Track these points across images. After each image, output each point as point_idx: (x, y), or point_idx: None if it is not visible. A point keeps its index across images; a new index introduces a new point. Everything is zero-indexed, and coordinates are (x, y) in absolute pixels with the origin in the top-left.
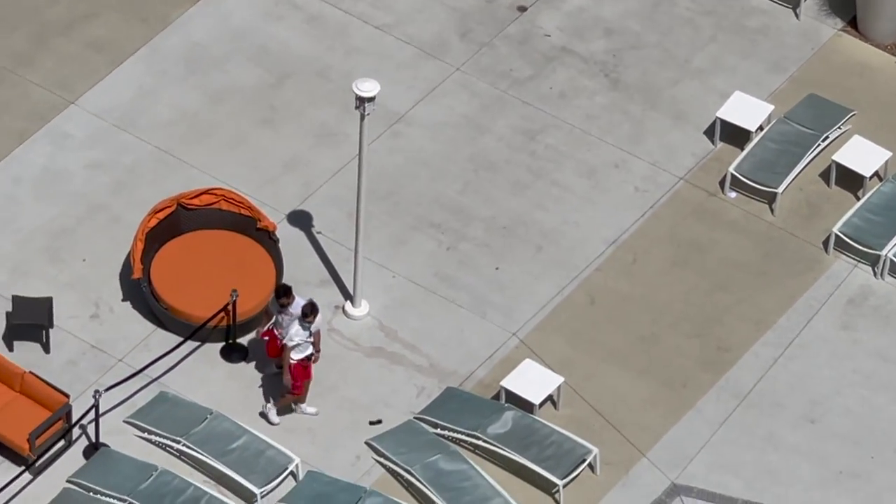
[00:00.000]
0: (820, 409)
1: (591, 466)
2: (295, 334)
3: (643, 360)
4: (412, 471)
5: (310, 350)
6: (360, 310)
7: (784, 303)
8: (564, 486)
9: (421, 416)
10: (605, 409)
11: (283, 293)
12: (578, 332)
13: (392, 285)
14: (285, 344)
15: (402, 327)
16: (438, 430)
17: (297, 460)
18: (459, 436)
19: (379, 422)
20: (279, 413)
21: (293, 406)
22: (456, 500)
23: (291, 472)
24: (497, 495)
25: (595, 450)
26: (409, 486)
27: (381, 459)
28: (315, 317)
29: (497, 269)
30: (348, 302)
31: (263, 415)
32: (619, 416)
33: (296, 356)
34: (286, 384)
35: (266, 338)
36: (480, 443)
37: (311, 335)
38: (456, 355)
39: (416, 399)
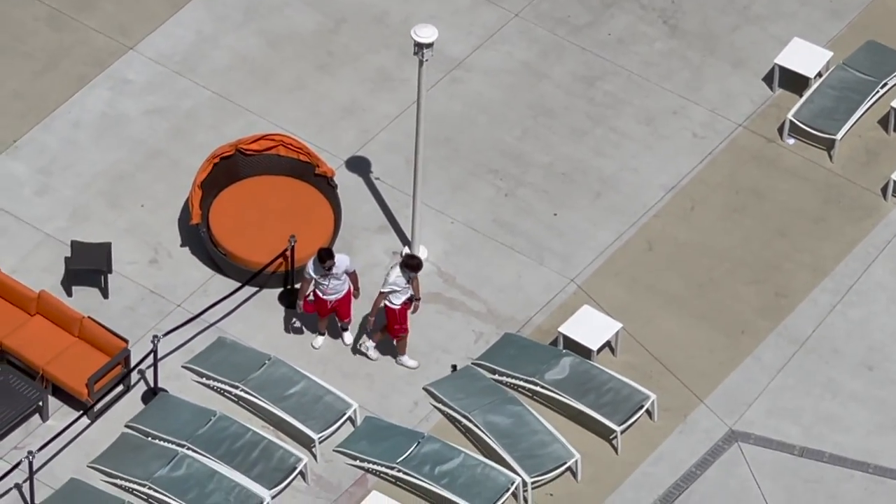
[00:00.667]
0: (878, 356)
1: (648, 413)
2: (395, 282)
3: (701, 307)
4: (470, 416)
5: (409, 293)
6: (419, 256)
7: (842, 249)
8: (622, 432)
9: (479, 361)
10: (662, 356)
11: (328, 256)
12: (636, 279)
13: (450, 231)
14: (382, 291)
15: (460, 273)
16: (496, 377)
17: (354, 406)
18: (517, 382)
19: (455, 368)
20: (376, 349)
21: (397, 358)
22: (513, 446)
23: (349, 418)
24: (555, 441)
25: (653, 396)
26: (466, 432)
27: (439, 405)
28: (419, 268)
29: (555, 215)
30: (406, 248)
31: (362, 352)
32: (676, 362)
33: (397, 300)
34: (372, 329)
35: (310, 310)
36: (538, 389)
37: (409, 281)
38: (514, 301)
39: (474, 345)
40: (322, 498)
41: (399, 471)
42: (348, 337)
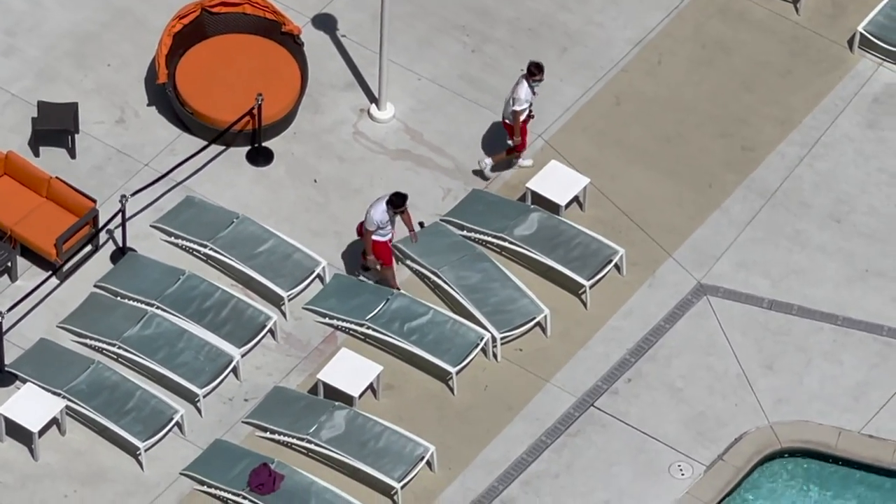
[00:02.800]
0: (845, 208)
1: (617, 267)
2: (525, 98)
3: (669, 161)
4: (439, 273)
5: (527, 105)
6: (386, 113)
7: (809, 102)
8: (591, 286)
9: (447, 217)
10: (630, 210)
11: (403, 200)
12: (604, 133)
13: (417, 88)
14: (514, 110)
15: (428, 130)
16: (465, 233)
17: (323, 263)
18: (486, 238)
19: (422, 225)
20: (493, 169)
21: (512, 161)
22: (482, 301)
23: (318, 276)
24: (524, 296)
25: (621, 250)
26: (435, 289)
27: (408, 262)
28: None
29: (522, 70)
30: (373, 105)
31: (479, 171)
32: (644, 216)
33: (522, 117)
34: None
35: (386, 253)
36: (506, 244)
37: (531, 95)
38: (482, 157)
39: (443, 201)
40: (292, 356)
41: (368, 328)
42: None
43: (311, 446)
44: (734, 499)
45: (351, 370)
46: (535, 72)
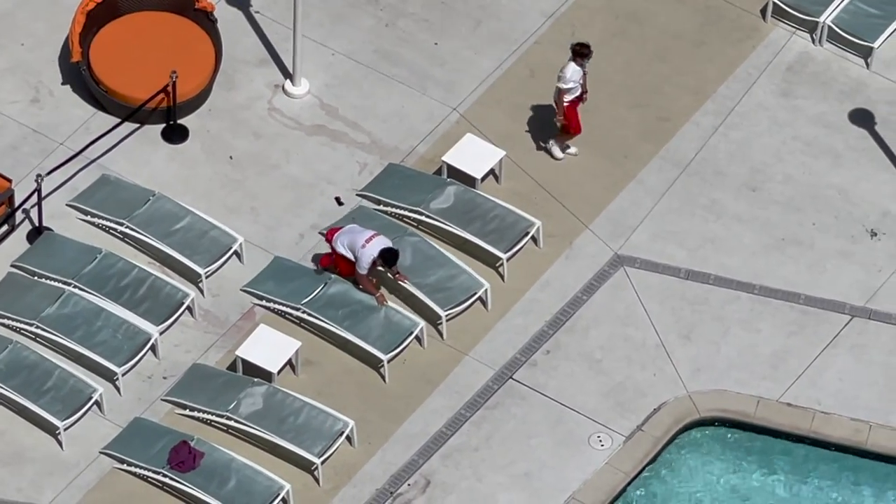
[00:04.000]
0: (761, 177)
1: (534, 239)
2: (570, 77)
3: (584, 133)
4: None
5: (580, 91)
6: (301, 88)
7: (723, 71)
8: (508, 259)
9: (363, 192)
10: (546, 182)
11: (394, 259)
12: (519, 106)
13: (332, 63)
14: (559, 87)
15: (343, 105)
16: (381, 207)
17: (240, 240)
18: (402, 212)
19: (339, 200)
20: (561, 149)
21: (560, 147)
22: (422, 281)
23: (235, 252)
24: (462, 272)
25: (538, 222)
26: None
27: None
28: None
29: (436, 44)
30: (288, 81)
31: (547, 150)
32: (560, 188)
33: (568, 98)
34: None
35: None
36: (423, 218)
37: (583, 76)
38: (397, 131)
39: (359, 176)
40: (210, 332)
41: (304, 312)
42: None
43: (231, 423)
44: (653, 469)
45: (269, 346)
46: (581, 51)
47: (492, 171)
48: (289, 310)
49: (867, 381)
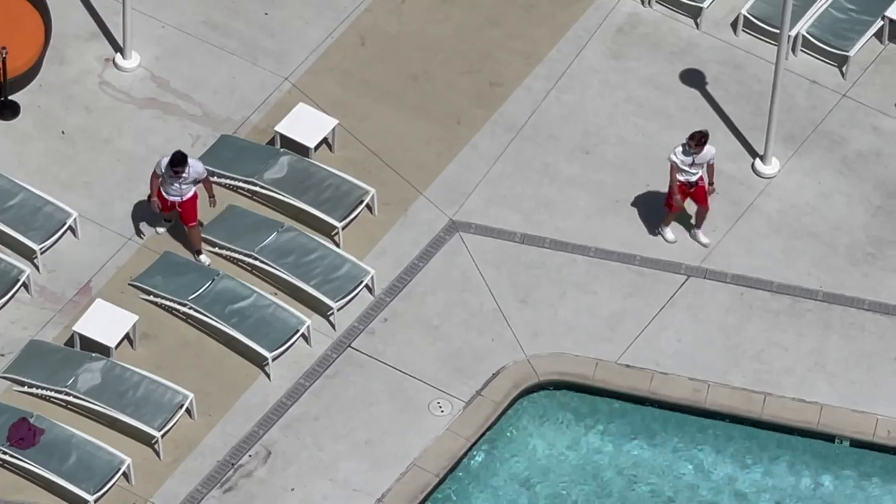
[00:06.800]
0: (594, 140)
1: (368, 207)
2: (676, 156)
3: (416, 99)
4: (254, 254)
5: (693, 178)
6: (131, 62)
7: (554, 35)
8: (343, 228)
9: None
10: (380, 150)
11: (179, 162)
12: (350, 74)
13: (162, 36)
14: (669, 158)
15: (174, 77)
16: (215, 179)
17: (74, 214)
18: (237, 183)
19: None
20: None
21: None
22: (308, 274)
23: (70, 227)
24: (345, 261)
25: (372, 190)
26: (253, 270)
27: (215, 250)
28: (698, 149)
29: (266, 14)
30: (119, 54)
31: (660, 233)
32: (394, 155)
33: (680, 178)
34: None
35: (156, 199)
36: (258, 189)
37: (694, 163)
38: (229, 102)
39: (192, 148)
40: (46, 308)
41: (191, 308)
42: (204, 258)
43: (70, 398)
44: (494, 433)
45: (106, 321)
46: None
47: (325, 140)
48: (176, 305)
49: (704, 340)
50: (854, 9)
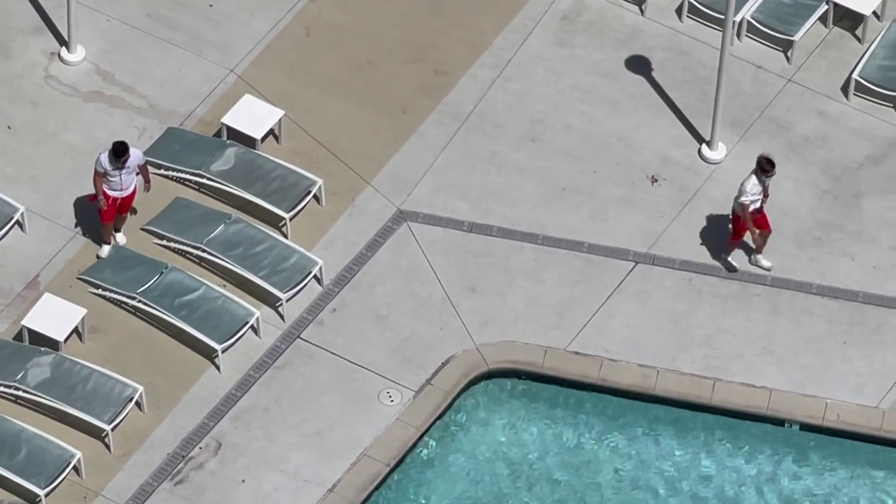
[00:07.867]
0: (540, 127)
1: (316, 198)
2: (751, 191)
3: (362, 89)
4: (202, 247)
5: (761, 200)
6: (76, 55)
7: (499, 23)
8: (291, 218)
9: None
10: (327, 140)
11: (123, 152)
12: (296, 65)
13: (106, 29)
14: (741, 203)
15: (120, 70)
16: (161, 171)
17: (21, 209)
18: (184, 175)
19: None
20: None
21: (751, 259)
22: (256, 266)
23: (17, 222)
24: (293, 252)
25: (319, 181)
26: (201, 262)
27: (162, 242)
28: (773, 171)
29: (211, 6)
30: (64, 48)
31: (755, 262)
32: (341, 145)
33: (753, 209)
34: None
35: (103, 198)
36: (205, 181)
37: (763, 190)
38: (175, 95)
39: (138, 141)
40: None
41: (139, 301)
42: (121, 238)
43: (20, 393)
44: (444, 422)
45: (55, 314)
46: (766, 168)
47: (271, 132)
48: (124, 298)
49: (653, 326)
50: None
